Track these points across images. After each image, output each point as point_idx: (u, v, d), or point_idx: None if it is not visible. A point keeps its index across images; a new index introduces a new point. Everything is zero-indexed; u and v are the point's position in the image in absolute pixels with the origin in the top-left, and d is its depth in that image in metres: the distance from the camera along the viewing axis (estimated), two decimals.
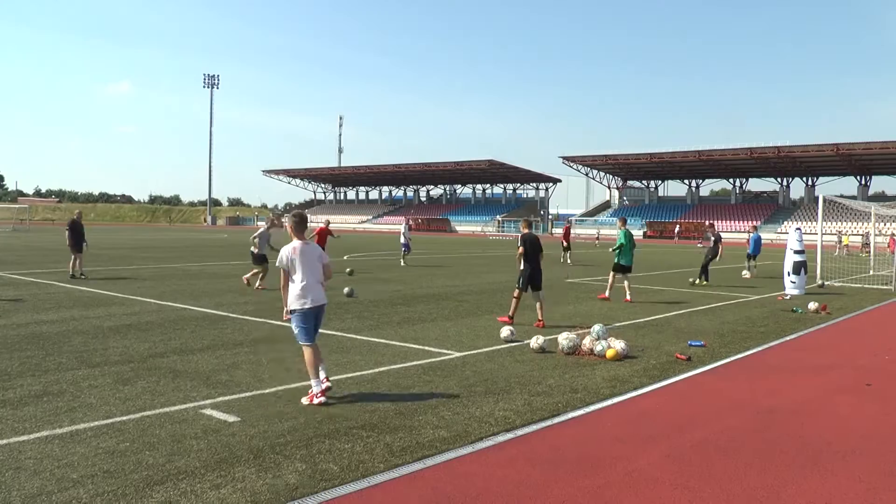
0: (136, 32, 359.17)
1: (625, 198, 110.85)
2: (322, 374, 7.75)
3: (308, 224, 8.34)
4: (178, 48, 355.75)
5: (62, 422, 6.77)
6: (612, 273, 18.07)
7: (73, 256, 21.41)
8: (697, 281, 22.82)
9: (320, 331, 8.25)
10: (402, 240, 29.95)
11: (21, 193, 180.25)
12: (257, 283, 19.00)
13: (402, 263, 29.05)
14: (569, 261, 32.12)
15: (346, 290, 17.57)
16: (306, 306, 7.86)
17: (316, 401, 7.54)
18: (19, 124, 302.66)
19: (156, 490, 5.18)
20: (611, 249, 19.07)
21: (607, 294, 18.05)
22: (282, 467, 5.67)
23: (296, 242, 7.97)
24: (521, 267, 13.74)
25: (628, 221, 20.12)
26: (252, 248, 19.78)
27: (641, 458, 6.14)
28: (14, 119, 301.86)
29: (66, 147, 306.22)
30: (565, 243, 33.56)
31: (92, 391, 7.92)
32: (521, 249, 13.76)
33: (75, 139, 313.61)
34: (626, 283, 17.91)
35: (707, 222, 25.85)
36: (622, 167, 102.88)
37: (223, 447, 6.12)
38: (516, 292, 13.79)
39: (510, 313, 13.71)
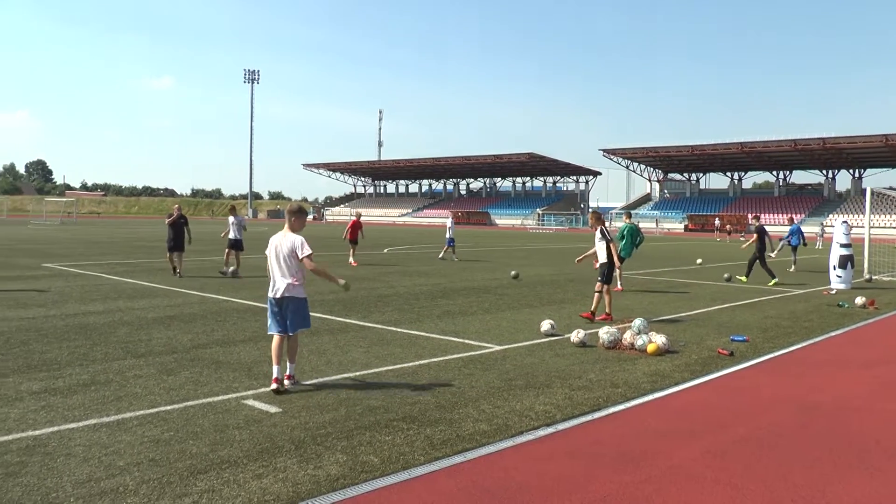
0: (179, 29, 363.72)
1: (665, 191, 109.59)
2: (276, 370, 7.75)
3: (299, 216, 8.21)
4: (219, 44, 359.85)
5: (109, 410, 6.91)
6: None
7: (171, 254, 20.10)
8: (744, 279, 22.02)
9: (358, 322, 8.29)
10: (448, 234, 29.79)
11: (68, 187, 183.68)
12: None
13: (441, 257, 28.94)
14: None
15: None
16: (269, 295, 8.06)
17: (272, 386, 7.68)
18: (67, 120, 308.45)
19: (199, 479, 5.25)
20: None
21: (619, 286, 17.99)
22: (323, 458, 5.71)
23: (280, 233, 8.11)
24: (604, 260, 13.45)
25: (636, 214, 20.97)
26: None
27: (683, 453, 6.08)
28: (61, 115, 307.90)
29: (110, 141, 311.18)
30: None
31: (137, 381, 8.06)
32: (594, 249, 13.77)
33: (120, 134, 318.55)
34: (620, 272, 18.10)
35: (751, 215, 25.28)
36: (663, 160, 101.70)
37: (265, 437, 6.19)
38: (605, 287, 13.30)
39: (608, 310, 13.20)
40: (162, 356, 9.39)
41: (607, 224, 17.45)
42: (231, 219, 21.75)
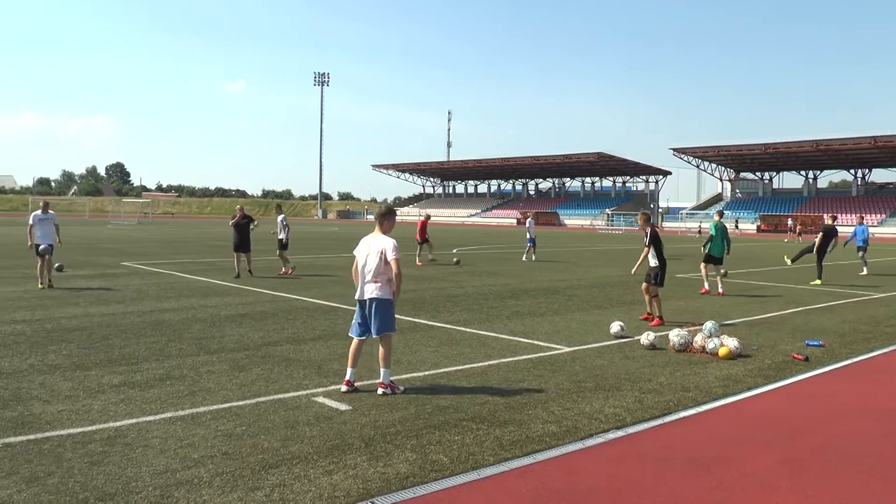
0: (251, 33, 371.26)
1: (737, 190, 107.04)
2: (349, 372, 7.77)
3: (389, 218, 8.12)
4: (290, 47, 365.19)
5: (184, 404, 7.06)
6: (702, 265, 17.95)
7: (237, 254, 19.98)
8: (819, 281, 21.33)
9: (427, 322, 8.29)
10: (529, 234, 29.72)
11: (144, 188, 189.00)
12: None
13: (525, 258, 28.87)
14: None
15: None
16: (356, 296, 8.01)
17: (342, 388, 7.70)
18: (143, 124, 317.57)
19: (271, 473, 5.33)
20: (703, 245, 18.60)
21: (706, 287, 17.67)
22: (392, 456, 5.73)
23: (370, 235, 8.05)
24: (655, 263, 13.14)
25: (728, 214, 19.71)
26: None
27: (756, 461, 5.91)
28: (139, 119, 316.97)
29: (184, 144, 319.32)
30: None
31: (210, 376, 8.23)
32: (647, 248, 13.23)
33: (194, 136, 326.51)
34: (717, 276, 17.69)
35: (827, 215, 24.44)
36: (735, 158, 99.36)
37: (335, 434, 6.25)
38: (653, 289, 13.07)
39: (658, 313, 12.94)
40: (234, 353, 9.57)
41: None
42: (280, 218, 22.00)
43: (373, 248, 7.87)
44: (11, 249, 28.73)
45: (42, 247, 16.43)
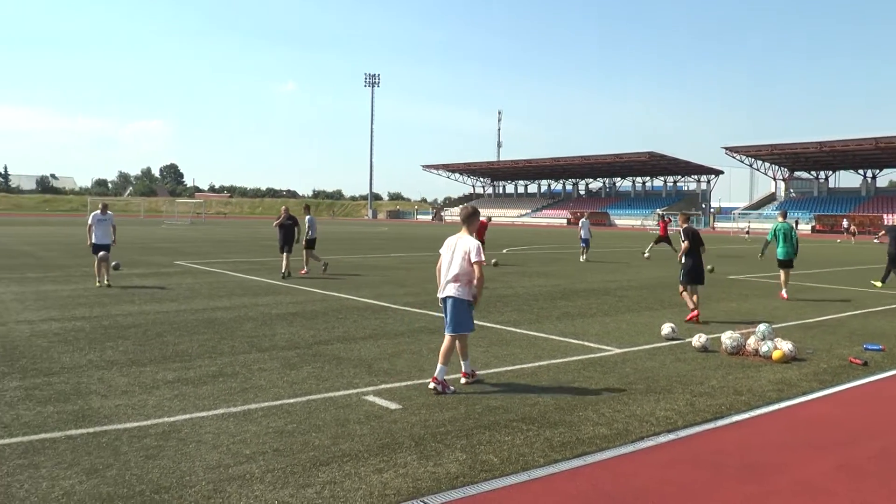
0: (302, 35, 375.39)
1: (791, 190, 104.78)
2: (438, 369, 7.77)
3: (472, 219, 8.24)
4: (341, 49, 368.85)
5: (236, 401, 7.16)
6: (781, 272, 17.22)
7: (282, 255, 20.17)
8: (881, 284, 20.67)
9: (477, 322, 8.31)
10: (583, 234, 29.58)
11: (197, 189, 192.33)
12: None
13: (582, 259, 28.75)
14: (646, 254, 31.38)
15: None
16: (439, 295, 8.16)
17: (430, 385, 7.75)
18: (197, 126, 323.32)
19: (322, 470, 5.36)
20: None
21: (784, 293, 16.84)
22: (443, 456, 5.73)
23: (455, 235, 8.17)
24: (684, 261, 13.47)
25: (789, 215, 18.77)
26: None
27: (812, 467, 5.78)
28: (192, 121, 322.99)
29: (236, 145, 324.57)
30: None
31: (262, 374, 8.32)
32: (686, 244, 13.46)
33: (246, 138, 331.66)
34: (782, 278, 17.05)
35: (892, 215, 23.62)
36: (789, 157, 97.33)
37: (385, 433, 6.27)
38: (687, 287, 13.42)
39: (691, 306, 13.19)
40: (285, 351, 9.67)
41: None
42: (308, 218, 21.86)
43: (457, 249, 8.01)
44: (72, 249, 29.45)
45: (101, 248, 16.83)
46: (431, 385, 7.72)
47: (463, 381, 8.02)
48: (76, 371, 8.31)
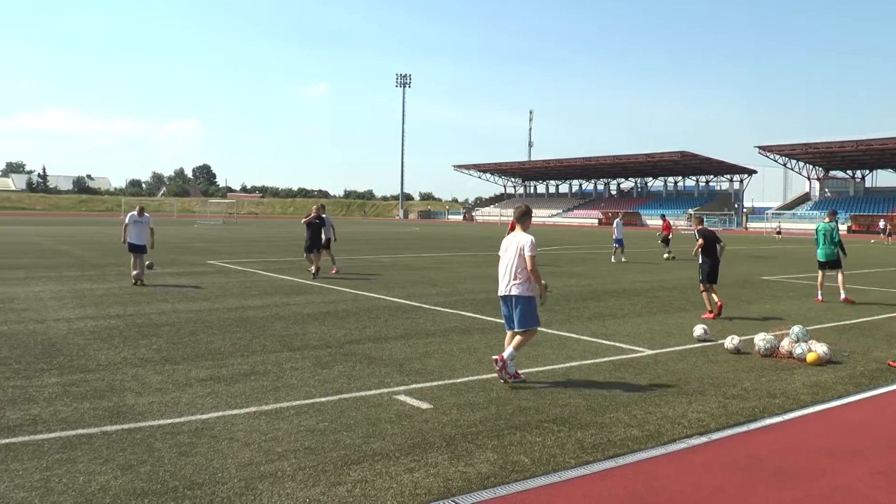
0: (333, 36, 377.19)
1: (826, 189, 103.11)
2: (508, 352, 8.09)
3: (525, 218, 8.53)
4: (372, 50, 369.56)
5: (268, 399, 7.20)
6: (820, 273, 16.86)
7: (309, 254, 19.93)
8: None
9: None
10: (616, 234, 29.45)
11: (230, 189, 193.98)
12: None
13: (613, 260, 28.59)
14: (665, 254, 31.13)
15: None
16: (499, 293, 8.39)
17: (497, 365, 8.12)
18: (229, 126, 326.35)
19: (353, 469, 5.38)
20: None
21: (819, 296, 16.50)
22: (474, 456, 5.72)
23: (511, 234, 8.50)
24: (701, 261, 13.94)
25: (836, 214, 18.18)
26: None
27: (849, 473, 5.68)
28: (225, 122, 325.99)
29: (268, 146, 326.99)
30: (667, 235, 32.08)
31: (293, 373, 8.37)
32: (700, 242, 13.92)
33: (277, 138, 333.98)
34: (839, 278, 16.45)
35: None
36: (824, 156, 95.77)
37: (416, 433, 6.27)
38: (702, 287, 13.96)
39: (709, 308, 13.70)
40: (316, 350, 9.71)
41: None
42: (324, 218, 21.70)
43: (513, 246, 8.27)
44: (107, 248, 29.88)
45: (136, 248, 17.06)
46: (497, 367, 8.08)
47: (496, 367, 8.09)
48: (111, 368, 8.43)
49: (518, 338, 8.17)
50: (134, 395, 7.27)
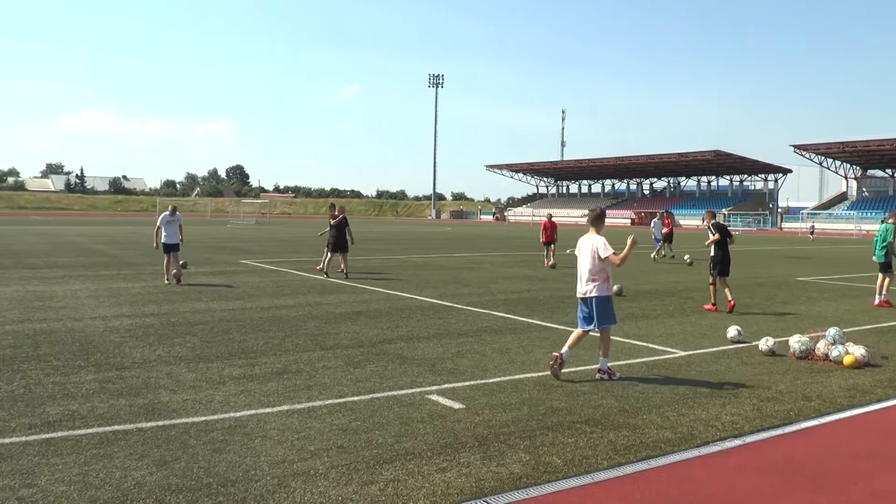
0: (365, 37, 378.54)
1: (864, 189, 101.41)
2: (564, 350, 8.39)
3: (598, 220, 8.85)
4: (404, 50, 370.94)
5: (300, 398, 7.24)
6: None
7: (333, 255, 19.81)
8: None
9: (541, 322, 8.30)
10: (655, 234, 29.30)
11: (262, 190, 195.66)
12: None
13: (667, 255, 28.52)
14: (663, 253, 30.01)
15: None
16: (577, 294, 8.68)
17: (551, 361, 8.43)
18: (262, 127, 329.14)
19: (385, 468, 5.39)
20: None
21: (876, 300, 15.95)
22: (506, 456, 5.70)
23: (585, 235, 8.75)
24: (713, 253, 14.59)
25: (868, 215, 17.83)
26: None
27: (889, 478, 5.57)
28: (257, 122, 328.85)
29: (301, 146, 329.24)
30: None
31: (326, 371, 8.41)
32: (716, 236, 14.53)
33: (310, 139, 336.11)
34: (886, 281, 16.01)
35: None
36: (861, 155, 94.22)
37: (448, 432, 6.27)
38: (711, 279, 14.70)
39: (713, 300, 14.59)
40: (349, 349, 9.75)
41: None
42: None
43: (587, 248, 8.58)
44: (142, 248, 30.27)
45: (170, 248, 17.25)
46: (597, 376, 8.40)
47: (598, 376, 8.41)
48: (146, 366, 8.53)
49: (602, 341, 8.49)
50: (168, 393, 7.35)
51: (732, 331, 11.03)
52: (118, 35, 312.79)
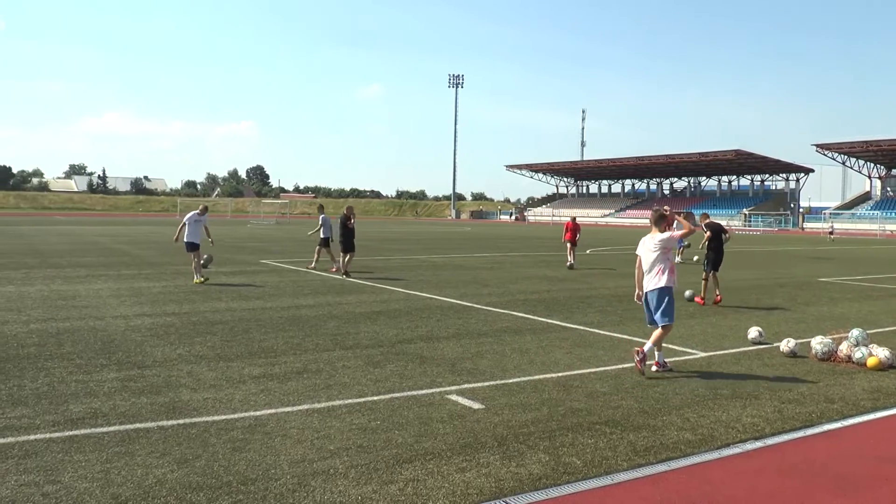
0: (386, 38, 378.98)
1: (888, 188, 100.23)
2: (647, 345, 8.75)
3: (661, 220, 9.04)
4: (424, 51, 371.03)
5: (320, 397, 7.27)
6: None
7: (345, 255, 20.01)
8: None
9: (560, 323, 8.28)
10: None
11: (283, 190, 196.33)
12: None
13: (678, 259, 28.38)
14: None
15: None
16: (642, 291, 9.08)
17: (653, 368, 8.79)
18: (282, 127, 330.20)
19: (404, 468, 5.40)
20: None
21: None
22: (525, 457, 5.70)
23: (648, 235, 9.09)
24: (707, 251, 15.85)
25: (874, 216, 17.60)
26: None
27: None
28: (278, 123, 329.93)
29: (321, 147, 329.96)
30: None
31: (345, 371, 8.43)
32: (708, 234, 15.90)
33: (330, 139, 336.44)
34: None
35: None
36: (885, 154, 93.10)
37: (468, 432, 6.26)
38: (704, 274, 15.75)
39: (703, 294, 15.57)
40: (368, 349, 9.77)
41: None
42: (321, 217, 22.49)
43: (649, 245, 8.93)
44: (163, 247, 30.48)
45: (193, 246, 17.39)
46: (654, 368, 8.72)
47: (654, 369, 8.72)
48: (167, 364, 8.59)
49: (657, 332, 8.76)
50: (189, 391, 7.40)
51: (753, 332, 10.96)
52: (142, 37, 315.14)
